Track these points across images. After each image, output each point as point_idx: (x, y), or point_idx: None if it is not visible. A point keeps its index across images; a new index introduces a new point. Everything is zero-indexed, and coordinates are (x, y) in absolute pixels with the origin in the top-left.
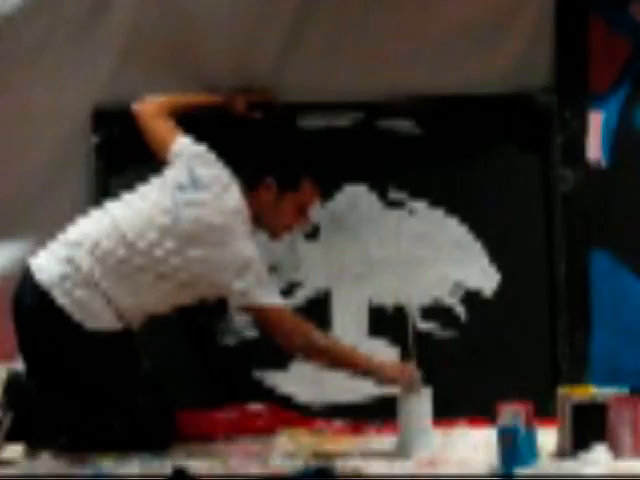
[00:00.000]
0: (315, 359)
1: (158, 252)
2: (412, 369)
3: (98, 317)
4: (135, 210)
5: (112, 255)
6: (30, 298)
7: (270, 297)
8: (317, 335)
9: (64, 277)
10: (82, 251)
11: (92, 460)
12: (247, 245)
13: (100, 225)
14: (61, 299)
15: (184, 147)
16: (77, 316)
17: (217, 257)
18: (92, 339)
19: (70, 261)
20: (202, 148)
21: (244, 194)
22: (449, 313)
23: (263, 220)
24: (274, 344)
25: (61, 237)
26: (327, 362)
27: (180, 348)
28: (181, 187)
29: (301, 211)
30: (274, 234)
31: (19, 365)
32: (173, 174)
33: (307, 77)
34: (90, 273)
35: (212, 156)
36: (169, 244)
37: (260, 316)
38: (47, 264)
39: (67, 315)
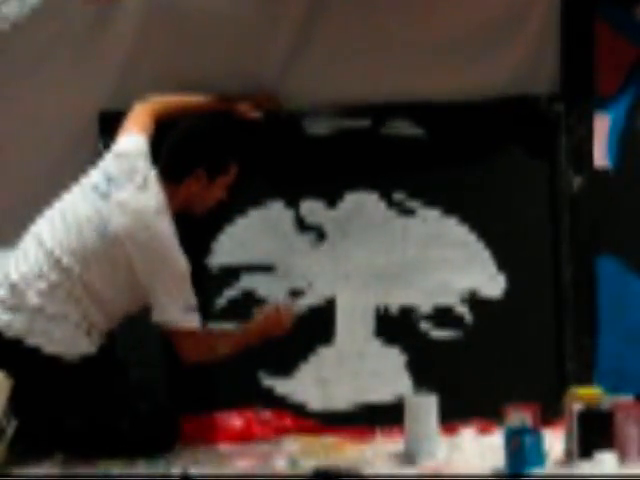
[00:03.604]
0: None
1: (94, 265)
2: (278, 310)
3: (74, 346)
4: (63, 231)
5: (59, 286)
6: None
7: (188, 320)
8: (220, 346)
9: (28, 322)
10: (33, 293)
11: (99, 466)
12: (176, 256)
13: (37, 259)
14: (34, 341)
15: (125, 144)
16: (52, 350)
17: (145, 266)
18: (72, 368)
19: (26, 306)
20: (135, 149)
21: (168, 188)
22: (456, 319)
23: (191, 208)
24: (280, 350)
25: (2, 280)
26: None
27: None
28: (96, 188)
29: (226, 188)
30: (199, 214)
31: None
32: (90, 176)
33: (313, 83)
34: (42, 306)
35: (137, 154)
36: (101, 254)
37: (174, 336)
38: (8, 319)
39: (40, 351)
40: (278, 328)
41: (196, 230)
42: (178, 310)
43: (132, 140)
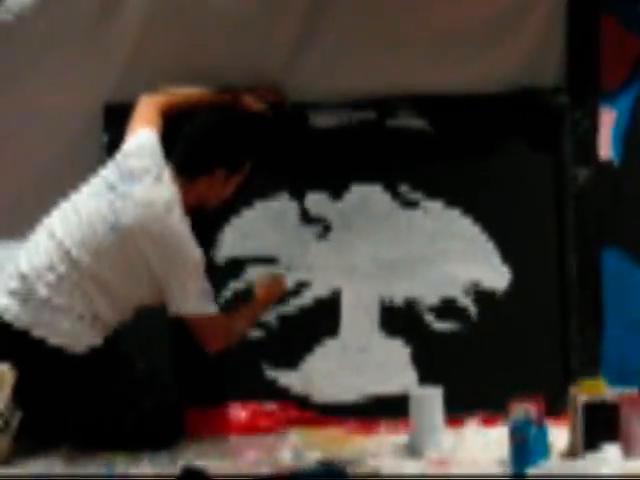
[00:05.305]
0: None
1: (107, 259)
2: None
3: (79, 338)
4: (75, 225)
5: (67, 279)
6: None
7: (204, 307)
8: (237, 327)
9: (35, 313)
10: (41, 284)
11: (103, 459)
12: (190, 247)
13: (47, 251)
14: (40, 332)
15: (137, 141)
16: (58, 341)
17: (159, 260)
18: (77, 360)
19: (35, 297)
20: (148, 146)
21: (183, 184)
22: (461, 312)
23: (204, 204)
24: (286, 342)
25: (12, 271)
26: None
27: (192, 346)
28: (110, 186)
29: (237, 185)
30: (210, 209)
31: None
32: (104, 173)
33: (318, 75)
34: (56, 300)
35: (151, 150)
36: (114, 249)
37: (195, 328)
38: (14, 307)
39: (46, 343)
40: (277, 294)
41: (201, 222)
42: (193, 300)
43: (143, 137)
